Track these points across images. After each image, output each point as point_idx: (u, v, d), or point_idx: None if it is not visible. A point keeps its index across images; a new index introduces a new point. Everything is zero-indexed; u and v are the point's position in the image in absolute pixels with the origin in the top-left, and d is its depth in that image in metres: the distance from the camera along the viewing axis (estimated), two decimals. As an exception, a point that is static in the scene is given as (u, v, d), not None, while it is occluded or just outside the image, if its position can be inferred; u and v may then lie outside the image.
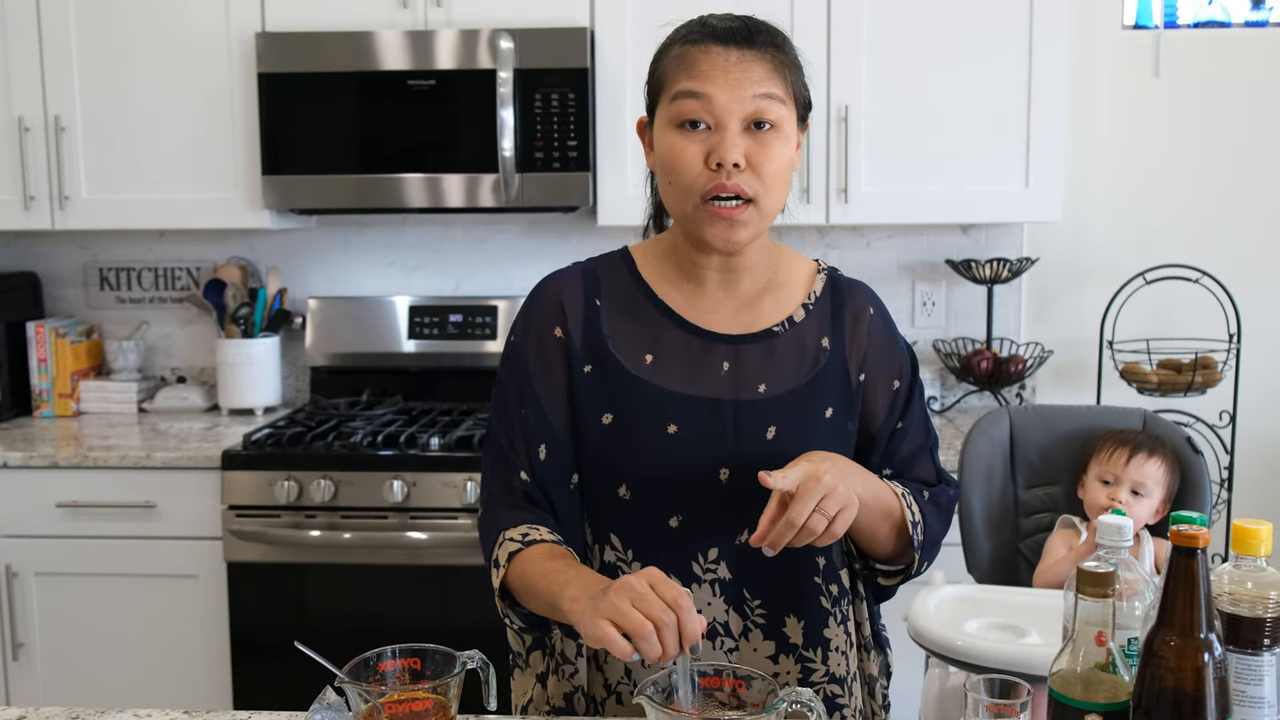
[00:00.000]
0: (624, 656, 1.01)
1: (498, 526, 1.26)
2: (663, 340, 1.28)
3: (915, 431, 1.33)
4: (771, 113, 1.18)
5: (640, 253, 1.34)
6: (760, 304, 1.30)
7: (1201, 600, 0.95)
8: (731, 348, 1.28)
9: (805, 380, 1.28)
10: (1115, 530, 1.13)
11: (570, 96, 2.54)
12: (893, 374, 1.32)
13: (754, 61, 1.18)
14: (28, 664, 2.55)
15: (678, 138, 1.20)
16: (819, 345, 1.29)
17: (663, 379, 1.27)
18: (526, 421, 1.28)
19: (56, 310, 3.09)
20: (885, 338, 1.33)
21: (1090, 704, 0.98)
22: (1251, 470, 2.94)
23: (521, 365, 1.30)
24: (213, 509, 2.47)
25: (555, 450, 1.28)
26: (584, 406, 1.27)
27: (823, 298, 1.32)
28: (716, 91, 1.17)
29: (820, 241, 2.92)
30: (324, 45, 2.57)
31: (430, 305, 2.93)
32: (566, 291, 1.31)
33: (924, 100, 2.58)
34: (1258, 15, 2.91)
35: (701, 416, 1.25)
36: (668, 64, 1.23)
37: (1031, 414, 2.16)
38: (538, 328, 1.31)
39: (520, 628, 1.26)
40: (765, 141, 1.19)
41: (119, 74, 2.66)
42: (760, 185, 1.19)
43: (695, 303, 1.29)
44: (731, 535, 1.26)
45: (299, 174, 2.62)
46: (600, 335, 1.28)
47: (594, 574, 1.15)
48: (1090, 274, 2.95)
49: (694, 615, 1.03)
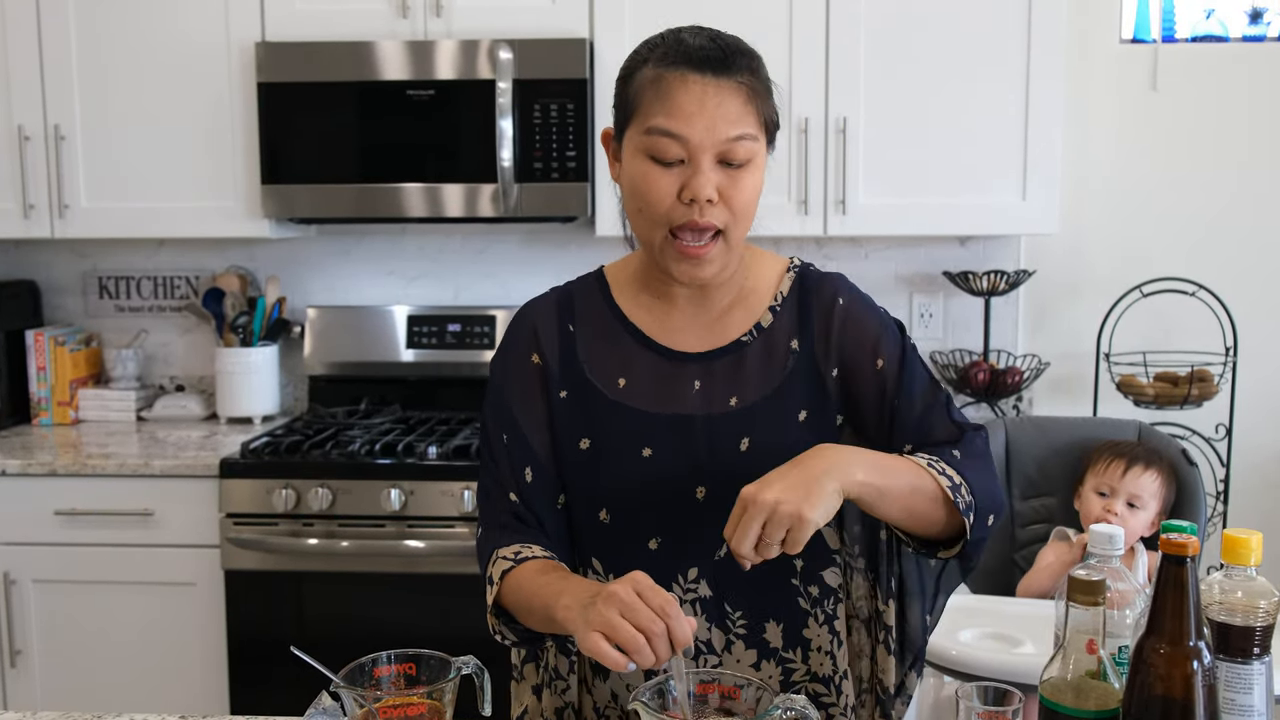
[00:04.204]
0: (619, 668, 1.01)
1: (492, 546, 1.27)
2: (635, 363, 1.29)
3: (920, 395, 1.28)
4: (744, 152, 1.18)
5: (614, 273, 1.35)
6: (729, 316, 1.30)
7: (1191, 608, 0.95)
8: (701, 365, 1.28)
9: (775, 386, 1.27)
10: (1106, 539, 1.13)
11: (569, 107, 2.55)
12: (874, 355, 1.28)
13: (729, 95, 1.16)
14: (26, 671, 2.55)
15: (650, 168, 1.18)
16: (788, 348, 1.28)
17: (636, 401, 1.27)
18: (510, 447, 1.29)
19: (55, 319, 3.10)
20: (858, 322, 1.29)
21: (1081, 711, 0.98)
22: (1247, 483, 2.94)
23: (502, 394, 1.31)
24: (211, 517, 2.47)
25: (540, 474, 1.29)
26: (563, 432, 1.28)
27: (790, 297, 1.30)
28: (692, 132, 1.16)
29: (818, 253, 2.93)
30: (324, 55, 2.59)
31: (429, 315, 2.93)
32: (541, 319, 1.32)
33: (922, 113, 2.59)
34: (1255, 29, 2.93)
35: (674, 437, 1.25)
36: (641, 88, 1.20)
37: (1028, 425, 2.17)
38: (516, 355, 1.32)
39: (513, 642, 1.27)
40: (737, 177, 1.18)
41: (119, 83, 2.67)
42: (730, 217, 1.19)
43: (665, 323, 1.30)
44: (711, 553, 1.26)
45: (298, 183, 2.63)
46: (576, 361, 1.29)
47: (585, 582, 1.16)
48: (1087, 286, 2.96)
49: (682, 620, 1.03)
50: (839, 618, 1.33)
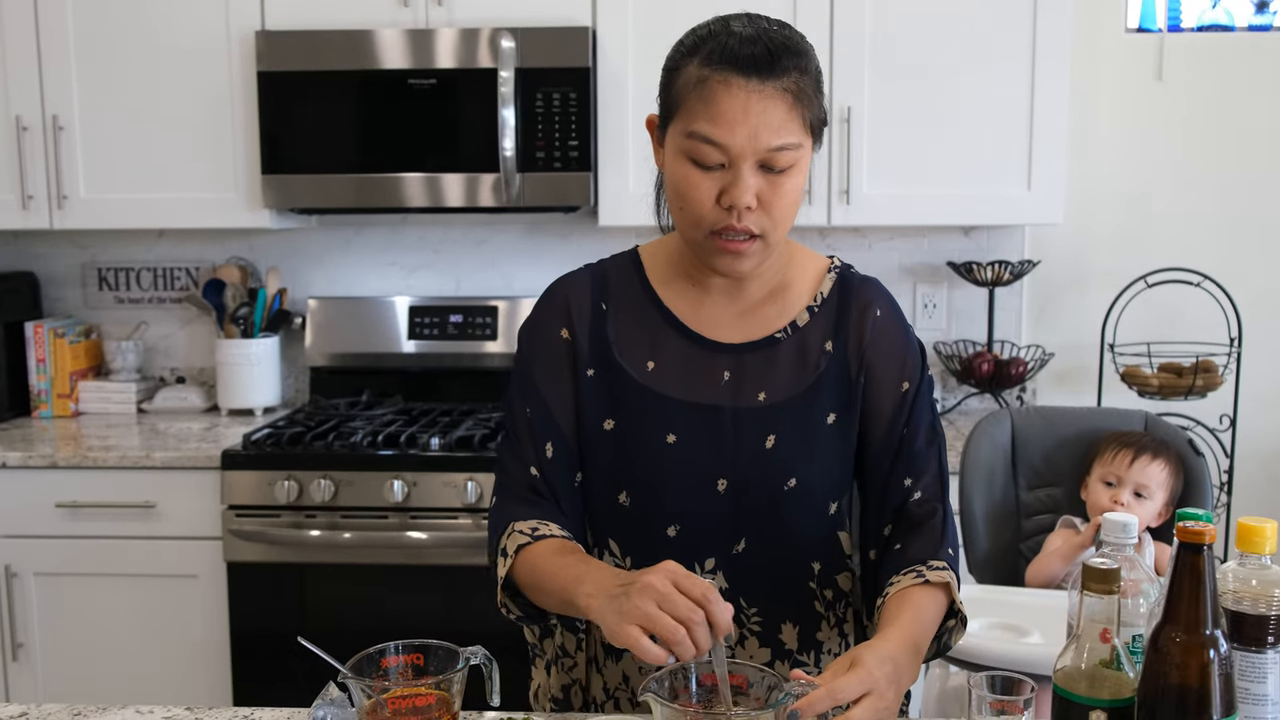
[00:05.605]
0: (657, 661, 0.99)
1: (507, 517, 1.26)
2: (664, 347, 1.27)
3: (924, 430, 1.29)
4: (785, 160, 1.15)
5: (649, 255, 1.34)
6: (765, 309, 1.29)
7: (1207, 597, 0.94)
8: (733, 356, 1.27)
9: (806, 386, 1.26)
10: (1120, 527, 1.13)
11: (571, 96, 2.53)
12: (902, 375, 1.28)
13: (773, 100, 1.13)
14: (27, 664, 2.54)
15: (690, 170, 1.17)
16: (821, 349, 1.27)
17: (663, 386, 1.26)
18: (533, 420, 1.29)
19: (55, 310, 3.08)
20: (894, 337, 1.29)
21: (1095, 700, 0.97)
22: (1251, 474, 2.93)
23: (529, 366, 1.30)
24: (212, 509, 2.46)
25: (561, 449, 1.28)
26: (587, 410, 1.27)
27: (830, 299, 1.30)
28: (734, 140, 1.13)
29: (821, 243, 2.92)
30: (324, 44, 2.57)
31: (430, 305, 2.92)
32: (574, 294, 1.30)
33: (926, 102, 2.58)
34: (1261, 19, 2.91)
35: (700, 426, 1.25)
36: (686, 88, 1.17)
37: (1033, 415, 2.16)
38: (545, 329, 1.31)
39: (518, 617, 1.26)
40: (778, 182, 1.16)
41: (117, 73, 2.66)
42: (769, 223, 1.17)
43: (699, 309, 1.29)
44: (729, 546, 1.26)
45: (299, 173, 2.62)
46: (606, 340, 1.28)
47: (606, 569, 1.14)
48: (1092, 277, 2.94)
49: (722, 606, 1.01)
50: (849, 621, 1.33)
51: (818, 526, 1.28)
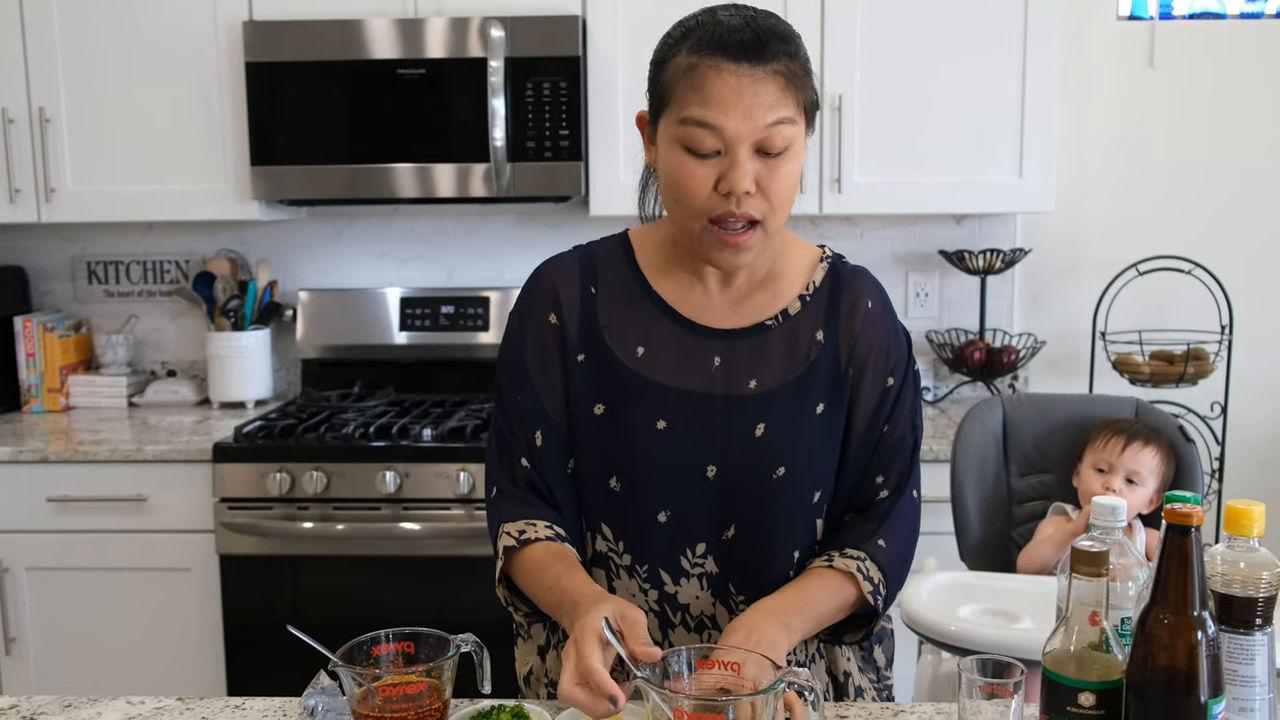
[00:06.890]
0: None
1: (499, 518, 1.27)
2: (655, 332, 1.27)
3: (901, 427, 1.30)
4: (782, 139, 1.15)
5: (639, 239, 1.33)
6: (756, 296, 1.28)
7: (1195, 578, 0.95)
8: (723, 342, 1.27)
9: (796, 375, 1.26)
10: (1109, 510, 1.13)
11: (562, 85, 2.53)
12: (887, 369, 1.28)
13: (765, 82, 1.13)
14: (20, 659, 2.54)
15: (685, 159, 1.16)
16: (812, 339, 1.27)
17: (654, 372, 1.26)
18: (523, 408, 1.28)
19: (44, 304, 3.07)
20: (882, 331, 1.29)
21: (1084, 682, 0.97)
22: (1242, 461, 2.94)
23: (518, 352, 1.30)
24: (204, 502, 2.46)
25: (551, 436, 1.28)
26: (577, 396, 1.27)
27: (822, 288, 1.29)
28: (728, 123, 1.13)
29: (813, 231, 2.92)
30: (313, 34, 2.56)
31: (422, 297, 2.92)
32: (562, 278, 1.30)
33: (918, 90, 2.57)
34: (1253, 7, 2.91)
35: (690, 413, 1.24)
36: (675, 77, 1.16)
37: (1025, 402, 2.16)
38: (533, 314, 1.30)
39: (525, 612, 1.29)
40: (775, 165, 1.15)
41: (104, 64, 2.64)
42: (768, 207, 1.17)
43: (689, 295, 1.28)
44: (719, 532, 1.26)
45: (288, 164, 2.61)
46: (596, 324, 1.28)
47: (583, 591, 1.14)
48: (1083, 265, 2.95)
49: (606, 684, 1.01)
50: None
51: (803, 515, 1.28)
